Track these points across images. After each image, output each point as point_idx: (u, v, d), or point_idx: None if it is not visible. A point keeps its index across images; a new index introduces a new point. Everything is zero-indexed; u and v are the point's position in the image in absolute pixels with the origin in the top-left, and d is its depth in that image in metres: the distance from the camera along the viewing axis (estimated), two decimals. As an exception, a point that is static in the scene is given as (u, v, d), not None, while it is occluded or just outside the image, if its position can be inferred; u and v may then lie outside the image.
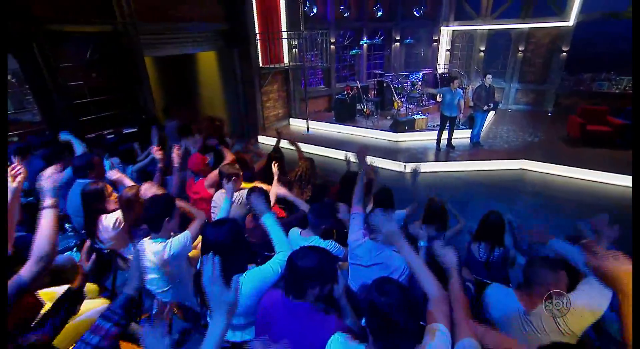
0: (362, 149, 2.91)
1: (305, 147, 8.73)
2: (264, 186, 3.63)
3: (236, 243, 2.00)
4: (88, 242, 2.03)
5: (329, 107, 12.23)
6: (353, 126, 10.13)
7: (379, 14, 12.01)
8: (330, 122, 10.49)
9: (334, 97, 11.69)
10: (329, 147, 8.95)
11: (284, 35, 9.85)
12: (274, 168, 3.93)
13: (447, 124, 8.31)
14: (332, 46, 11.63)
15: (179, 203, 2.79)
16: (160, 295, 2.54)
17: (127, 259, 2.99)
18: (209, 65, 9.86)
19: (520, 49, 12.33)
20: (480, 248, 3.07)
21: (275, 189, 3.72)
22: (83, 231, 3.14)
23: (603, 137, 8.82)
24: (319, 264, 1.76)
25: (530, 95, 12.71)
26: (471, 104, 10.83)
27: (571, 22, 11.10)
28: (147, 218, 2.46)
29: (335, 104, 10.88)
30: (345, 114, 10.51)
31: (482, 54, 13.07)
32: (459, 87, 8.06)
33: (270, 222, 2.23)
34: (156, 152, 3.60)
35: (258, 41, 9.39)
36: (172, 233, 2.56)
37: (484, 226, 3.03)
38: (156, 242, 2.45)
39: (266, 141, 9.95)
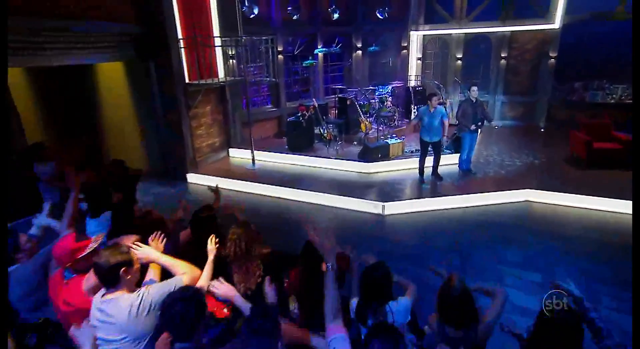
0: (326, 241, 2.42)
1: (251, 187, 8.53)
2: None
3: None
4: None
5: (279, 132, 12.01)
6: (311, 156, 9.89)
7: (336, 16, 11.92)
8: (282, 152, 10.27)
9: (285, 119, 11.58)
10: (281, 186, 8.49)
11: (217, 41, 9.38)
12: (210, 245, 2.96)
13: (430, 150, 8.21)
14: (279, 56, 11.40)
15: None
16: None
17: None
18: (115, 82, 9.13)
19: (502, 55, 12.70)
20: None
21: (207, 279, 2.76)
22: None
23: (613, 156, 8.83)
24: None
25: (519, 108, 13.05)
26: (453, 121, 10.73)
27: (557, 24, 11.61)
28: None
29: (287, 129, 10.69)
30: (300, 140, 10.28)
31: (459, 62, 13.30)
32: (439, 105, 7.95)
33: None
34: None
35: (182, 49, 8.82)
36: None
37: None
38: None
39: (199, 181, 9.29)
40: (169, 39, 8.46)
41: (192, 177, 9.44)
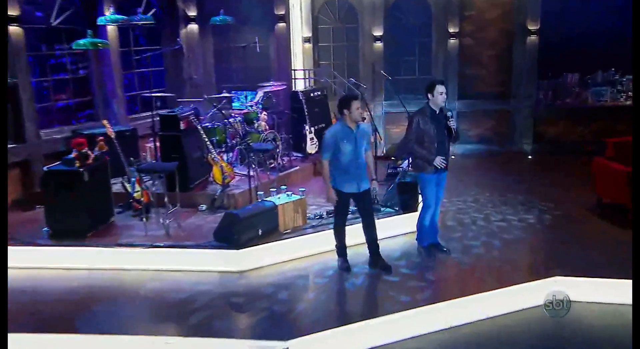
0: None
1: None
2: None
3: None
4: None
5: (28, 196, 10.22)
6: (109, 246, 8.17)
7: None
8: (38, 243, 8.41)
9: (39, 168, 9.82)
10: (40, 332, 6.44)
11: None
12: None
13: (353, 209, 7.62)
14: (14, 28, 9.65)
15: None
16: None
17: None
18: None
19: (451, 31, 12.51)
20: None
21: None
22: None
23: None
24: None
25: (487, 122, 12.98)
26: (383, 149, 11.49)
27: (533, -23, 11.99)
28: None
29: (45, 188, 8.97)
30: (79, 212, 8.63)
31: (379, 43, 13.01)
32: (363, 121, 7.45)
33: None
34: None
35: None
36: None
37: None
38: None
39: None
40: None
41: None
